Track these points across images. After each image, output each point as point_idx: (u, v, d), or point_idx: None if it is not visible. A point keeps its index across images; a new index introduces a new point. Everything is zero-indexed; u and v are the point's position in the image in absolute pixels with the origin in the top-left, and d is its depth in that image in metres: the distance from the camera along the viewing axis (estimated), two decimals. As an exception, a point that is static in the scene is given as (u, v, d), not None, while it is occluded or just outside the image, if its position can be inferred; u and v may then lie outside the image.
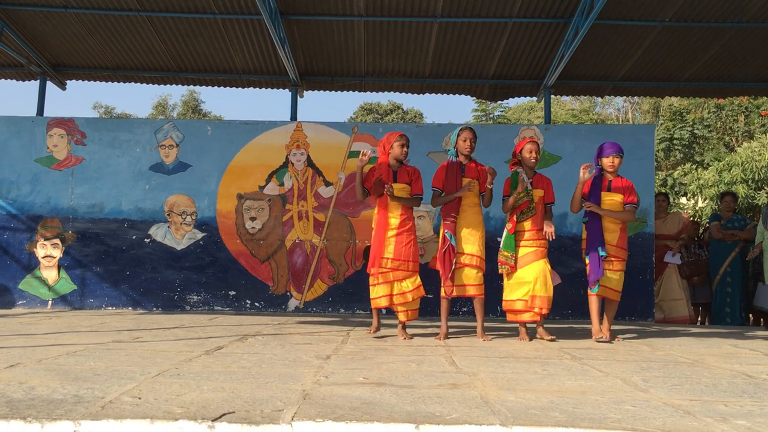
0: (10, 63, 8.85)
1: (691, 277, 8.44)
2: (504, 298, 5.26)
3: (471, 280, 5.16)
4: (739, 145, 18.92)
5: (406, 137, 5.21)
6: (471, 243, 5.16)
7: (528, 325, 5.23)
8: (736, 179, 15.13)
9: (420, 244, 7.81)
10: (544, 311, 5.09)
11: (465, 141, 5.24)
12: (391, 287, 5.09)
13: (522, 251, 5.16)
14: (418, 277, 5.15)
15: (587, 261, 5.23)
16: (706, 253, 8.54)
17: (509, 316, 5.27)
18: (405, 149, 5.19)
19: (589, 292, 5.25)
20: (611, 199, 5.21)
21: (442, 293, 5.18)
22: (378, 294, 5.12)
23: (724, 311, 8.20)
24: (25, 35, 8.19)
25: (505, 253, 5.15)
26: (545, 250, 5.20)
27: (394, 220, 5.10)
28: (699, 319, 8.89)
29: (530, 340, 5.08)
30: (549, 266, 5.17)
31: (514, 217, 5.16)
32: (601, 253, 5.11)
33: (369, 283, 5.20)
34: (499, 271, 5.23)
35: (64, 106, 63.98)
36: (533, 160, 5.22)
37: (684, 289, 8.23)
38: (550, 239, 5.22)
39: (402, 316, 5.14)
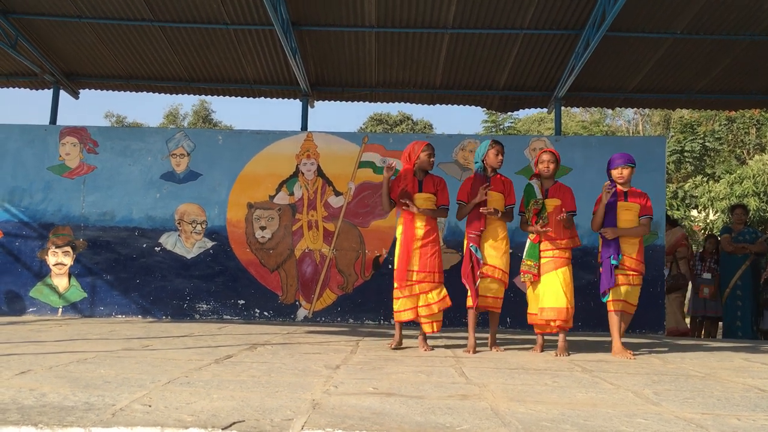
0: (24, 72, 8.94)
1: (670, 292, 8.37)
2: (528, 311, 5.22)
3: (491, 292, 5.11)
4: (751, 158, 18.85)
5: (432, 147, 5.15)
6: (494, 256, 5.10)
7: (547, 336, 5.20)
8: (748, 192, 15.07)
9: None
10: (558, 322, 4.97)
11: (498, 155, 5.18)
12: (417, 299, 5.01)
13: (540, 262, 5.14)
14: (444, 288, 5.08)
15: (601, 270, 5.18)
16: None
17: (536, 329, 5.24)
18: (432, 159, 5.14)
19: (608, 307, 5.11)
20: (628, 210, 5.13)
21: (468, 304, 5.11)
22: (404, 307, 5.03)
23: (735, 325, 8.15)
24: (39, 44, 8.28)
25: (528, 263, 5.11)
26: (563, 260, 5.06)
27: (420, 231, 5.02)
28: (710, 333, 8.83)
29: (541, 351, 5.05)
30: (569, 275, 5.05)
31: (535, 224, 5.14)
32: (613, 262, 5.04)
33: (393, 296, 5.12)
34: (522, 279, 5.19)
35: (77, 114, 64.48)
36: (546, 171, 5.17)
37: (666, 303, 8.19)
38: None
39: (427, 328, 5.05)
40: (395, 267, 5.06)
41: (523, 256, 5.18)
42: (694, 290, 8.91)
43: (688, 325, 9.00)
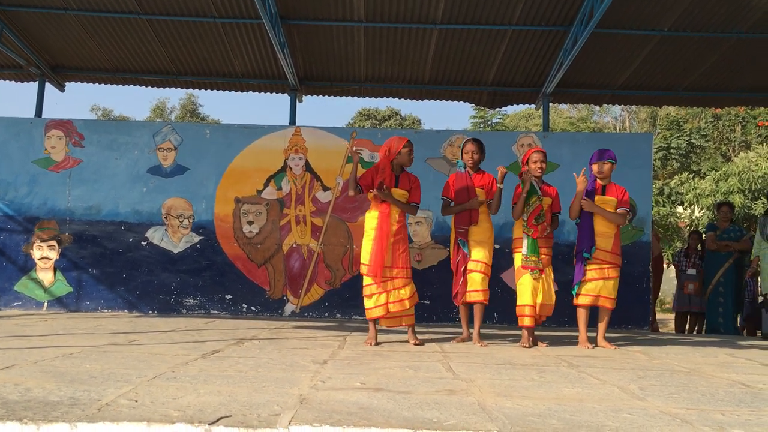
0: (9, 64, 8.84)
1: None
2: (517, 303, 5.24)
3: (475, 285, 5.20)
4: (736, 155, 19.01)
5: (412, 144, 5.15)
6: (478, 250, 5.23)
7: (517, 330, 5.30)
8: (733, 189, 15.19)
9: (417, 250, 7.82)
10: (546, 317, 5.24)
11: (467, 154, 5.38)
12: (388, 296, 5.01)
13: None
14: (413, 285, 5.12)
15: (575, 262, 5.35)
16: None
17: (520, 321, 5.25)
18: (411, 156, 5.15)
19: (574, 300, 5.29)
20: (605, 204, 5.25)
21: (456, 299, 5.36)
22: (376, 303, 5.00)
23: (717, 321, 8.22)
24: (24, 36, 8.19)
25: (533, 258, 5.14)
26: (550, 258, 5.25)
27: (393, 226, 5.04)
28: (696, 328, 8.91)
29: (530, 347, 5.06)
30: (552, 274, 5.25)
31: (533, 221, 5.14)
32: (584, 254, 5.20)
33: (364, 293, 5.09)
34: (533, 277, 5.14)
35: (63, 108, 63.82)
36: (539, 171, 5.22)
37: None
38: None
39: (396, 323, 5.12)
40: (368, 263, 4.98)
41: (525, 252, 5.16)
42: (679, 286, 8.99)
43: (673, 321, 9.08)
